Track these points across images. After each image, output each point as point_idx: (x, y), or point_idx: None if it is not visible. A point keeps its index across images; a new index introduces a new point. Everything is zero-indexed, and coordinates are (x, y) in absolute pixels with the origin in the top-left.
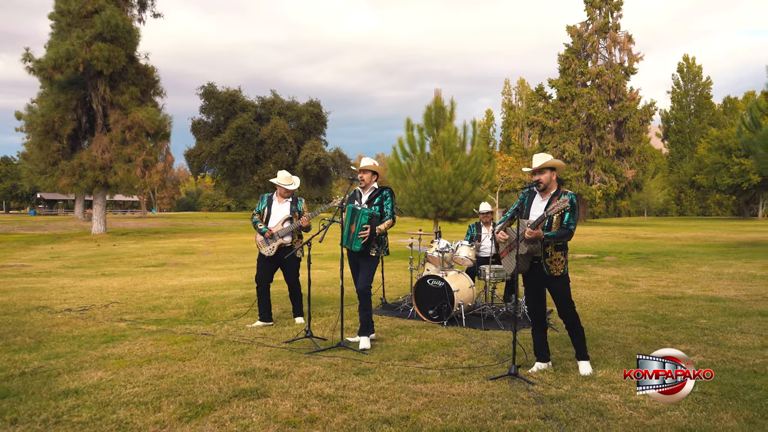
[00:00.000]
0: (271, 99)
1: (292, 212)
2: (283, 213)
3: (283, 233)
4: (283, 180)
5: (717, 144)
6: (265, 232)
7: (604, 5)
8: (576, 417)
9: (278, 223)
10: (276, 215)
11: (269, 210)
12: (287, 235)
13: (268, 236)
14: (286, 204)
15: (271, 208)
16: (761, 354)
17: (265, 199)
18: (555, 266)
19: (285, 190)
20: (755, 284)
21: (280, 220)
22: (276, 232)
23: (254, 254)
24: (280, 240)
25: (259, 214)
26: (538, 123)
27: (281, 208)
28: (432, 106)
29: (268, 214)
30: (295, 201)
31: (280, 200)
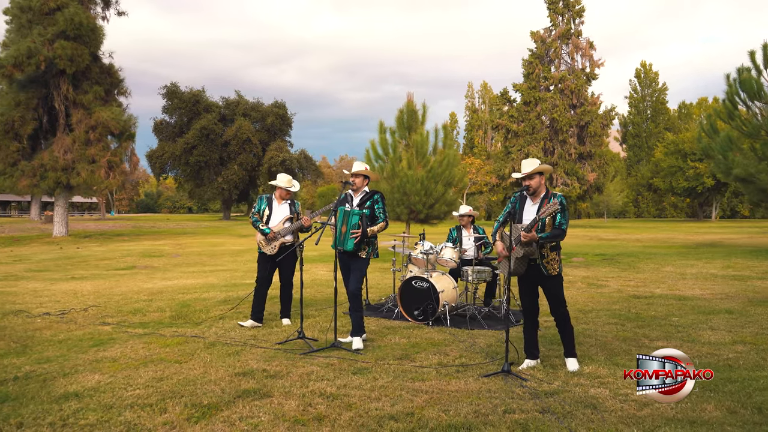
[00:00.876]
0: (235, 100)
1: (292, 213)
2: (283, 213)
3: (285, 232)
4: (285, 182)
5: (673, 148)
6: (268, 233)
7: (567, 12)
8: (572, 410)
9: (279, 222)
10: (277, 216)
11: (270, 211)
12: (289, 234)
13: (270, 237)
14: (285, 205)
15: (272, 208)
16: (733, 349)
17: (265, 200)
18: (552, 266)
19: (285, 192)
20: (718, 283)
21: (281, 220)
22: (278, 232)
23: (225, 257)
24: (281, 239)
25: (259, 214)
26: (503, 126)
27: (281, 209)
28: (404, 109)
29: (269, 215)
30: (293, 203)
31: (280, 202)
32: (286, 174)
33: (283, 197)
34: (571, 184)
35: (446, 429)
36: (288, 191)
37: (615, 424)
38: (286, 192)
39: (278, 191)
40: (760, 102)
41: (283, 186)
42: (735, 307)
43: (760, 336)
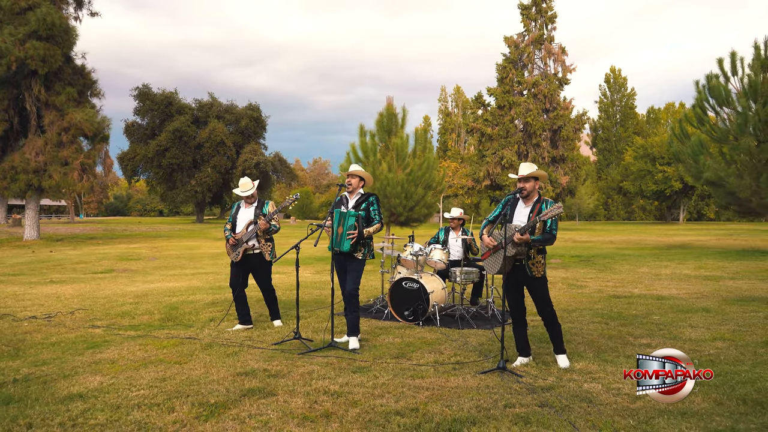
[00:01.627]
0: (208, 102)
1: (256, 216)
2: (247, 218)
3: (247, 237)
4: (239, 188)
5: (642, 152)
6: (230, 239)
7: (540, 17)
8: (569, 404)
9: (243, 228)
10: (241, 220)
11: (236, 216)
12: (251, 239)
13: (232, 243)
14: (251, 208)
15: (238, 214)
16: (713, 345)
17: (235, 207)
18: (536, 268)
19: (249, 200)
20: (692, 283)
21: (244, 225)
22: (240, 238)
23: (205, 260)
24: (245, 245)
25: (230, 223)
26: (477, 130)
27: (246, 213)
28: (384, 113)
29: (235, 221)
30: (260, 205)
31: (246, 205)
32: (248, 178)
33: (248, 201)
34: (544, 187)
35: (451, 423)
36: (252, 198)
37: (611, 416)
38: (250, 200)
39: (246, 201)
40: (728, 108)
41: (238, 192)
42: (711, 305)
43: (737, 333)
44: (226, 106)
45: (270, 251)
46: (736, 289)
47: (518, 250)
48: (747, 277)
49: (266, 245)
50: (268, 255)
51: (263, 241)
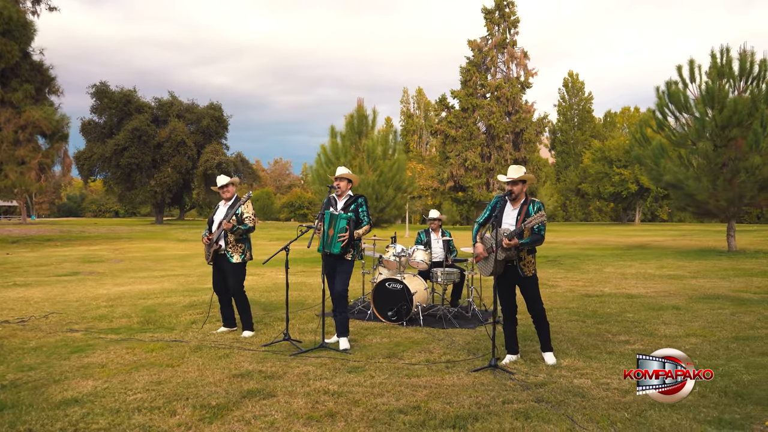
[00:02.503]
0: (168, 100)
1: (228, 216)
2: (220, 217)
3: (215, 237)
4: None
5: (600, 155)
6: (204, 237)
7: (503, 22)
8: (563, 399)
9: (216, 228)
10: (216, 219)
11: (214, 215)
12: (219, 239)
13: (206, 243)
14: (225, 208)
15: (215, 212)
16: (687, 341)
17: (216, 207)
18: (527, 268)
19: (223, 192)
20: (658, 282)
21: (217, 224)
22: (212, 238)
23: (171, 261)
24: (214, 245)
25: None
26: (441, 132)
27: (220, 213)
28: (354, 114)
29: (211, 219)
30: (234, 203)
31: (225, 203)
32: (225, 175)
33: (226, 198)
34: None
35: (455, 420)
36: (224, 190)
37: (606, 409)
38: (223, 192)
39: (222, 195)
40: (687, 113)
41: (214, 188)
42: (680, 303)
43: (707, 329)
44: (187, 105)
45: (241, 252)
46: (699, 287)
47: (508, 254)
48: (708, 276)
49: (236, 247)
50: (237, 256)
51: (233, 242)
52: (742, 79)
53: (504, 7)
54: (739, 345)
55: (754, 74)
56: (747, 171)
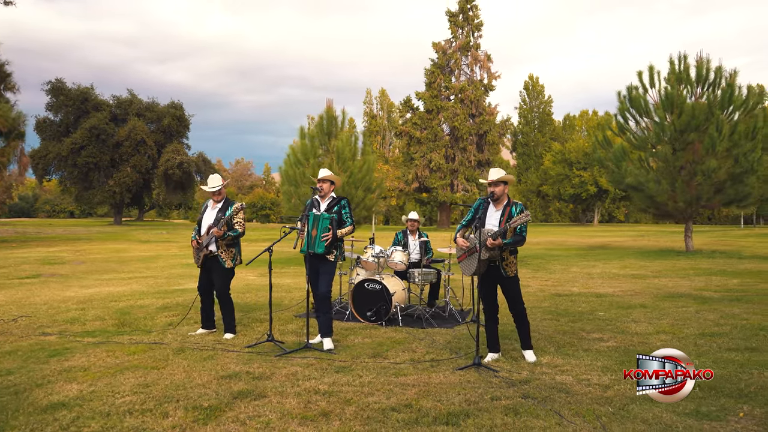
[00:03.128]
0: (128, 99)
1: (217, 219)
2: (209, 221)
3: (206, 242)
4: (208, 185)
5: (560, 157)
6: (193, 241)
7: (467, 25)
8: (548, 395)
9: (205, 232)
10: (205, 223)
11: (202, 217)
12: (210, 243)
13: (195, 246)
14: (215, 211)
15: (204, 215)
16: (658, 338)
17: (204, 206)
18: (509, 268)
19: (212, 194)
20: (623, 282)
21: (206, 228)
22: (201, 242)
23: (136, 263)
24: (204, 250)
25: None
26: (406, 133)
27: (209, 216)
28: (324, 115)
29: (200, 222)
30: (224, 207)
31: (213, 206)
32: (218, 175)
33: (215, 200)
34: (470, 190)
35: (447, 417)
36: (216, 193)
37: (590, 404)
38: (214, 194)
39: (207, 194)
40: (647, 118)
41: (205, 189)
42: (646, 302)
43: (675, 326)
44: (147, 104)
45: (232, 257)
46: (663, 286)
47: (491, 254)
48: (669, 276)
49: (228, 251)
50: (229, 261)
51: (224, 247)
52: (699, 85)
53: (468, 10)
54: (706, 341)
55: (710, 81)
56: (704, 174)
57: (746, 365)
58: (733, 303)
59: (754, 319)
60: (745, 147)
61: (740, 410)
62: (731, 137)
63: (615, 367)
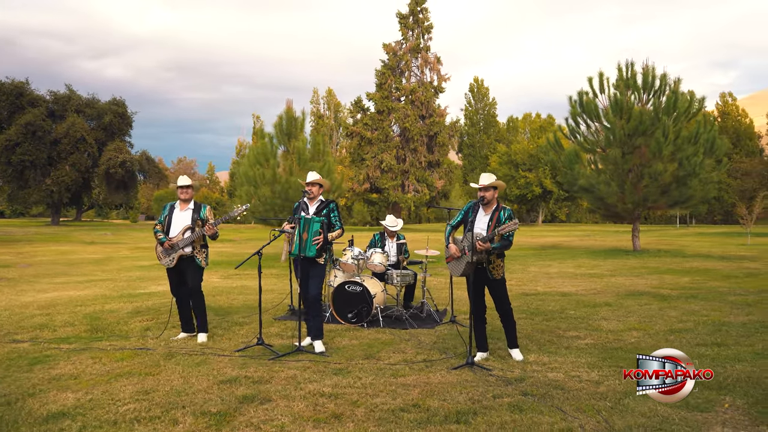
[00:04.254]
0: (66, 94)
1: (194, 221)
2: (184, 222)
3: (184, 244)
4: (180, 182)
5: (506, 159)
6: (164, 242)
7: (417, 27)
8: (546, 392)
9: (179, 233)
10: (177, 224)
11: (170, 219)
12: (188, 245)
13: (167, 247)
14: (188, 212)
15: (172, 216)
16: (630, 335)
17: (167, 208)
18: (497, 271)
19: (184, 194)
20: (581, 281)
21: (180, 230)
22: (176, 243)
23: (88, 266)
24: (180, 251)
25: (161, 224)
26: (357, 134)
27: (182, 217)
28: (283, 116)
29: (169, 223)
30: (197, 208)
31: (182, 207)
32: (186, 176)
33: (184, 202)
34: (421, 191)
35: (456, 415)
36: (187, 193)
37: (587, 399)
38: (185, 194)
39: (179, 195)
40: (597, 122)
41: (180, 184)
42: (610, 300)
43: (644, 323)
44: (86, 100)
45: (205, 257)
46: (620, 285)
47: (479, 257)
48: (624, 274)
49: (201, 251)
50: (203, 261)
51: (198, 247)
52: (646, 91)
53: (418, 12)
54: (676, 337)
55: (656, 87)
56: (651, 176)
57: (718, 359)
58: (690, 300)
59: (713, 315)
60: (688, 151)
61: (724, 402)
62: (675, 142)
63: (599, 363)
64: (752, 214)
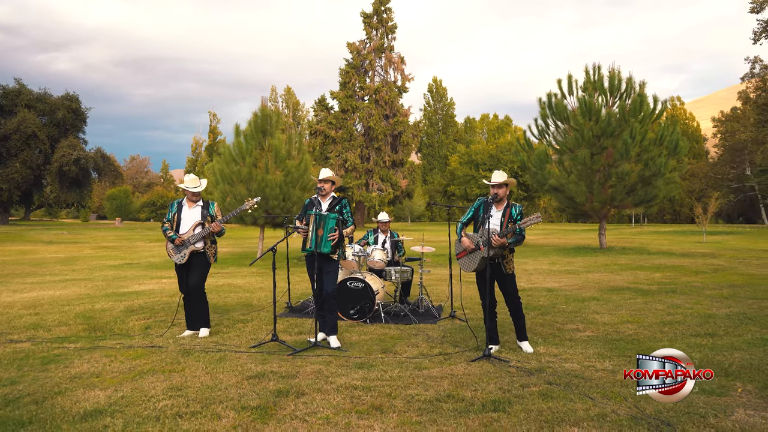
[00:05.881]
0: (15, 89)
1: (204, 217)
2: (194, 218)
3: (195, 239)
4: (189, 183)
5: (467, 159)
6: (175, 239)
7: (381, 27)
8: (568, 381)
9: (189, 229)
10: (187, 221)
11: (179, 216)
12: (199, 241)
13: (178, 243)
14: (197, 209)
15: (181, 214)
16: (627, 327)
17: (175, 206)
18: (509, 265)
19: (192, 194)
20: (560, 277)
21: (191, 225)
22: (187, 239)
23: (55, 266)
24: (192, 246)
25: (170, 222)
26: (321, 132)
27: (192, 214)
28: (258, 113)
29: (179, 221)
30: (206, 205)
31: (190, 205)
32: (193, 174)
33: (192, 200)
34: (385, 190)
35: (493, 404)
36: (194, 193)
37: (610, 387)
38: (193, 194)
39: (187, 194)
40: (565, 123)
41: (188, 188)
42: (596, 295)
43: (635, 316)
44: (37, 95)
45: (214, 254)
46: (599, 281)
47: (495, 252)
48: (598, 271)
49: (211, 247)
50: (212, 257)
51: (209, 243)
52: (612, 94)
53: (382, 12)
54: (670, 329)
55: (622, 90)
56: (618, 177)
57: (716, 349)
58: (671, 295)
59: (697, 308)
60: (653, 152)
61: (737, 386)
62: (641, 143)
63: (608, 354)
64: (707, 214)
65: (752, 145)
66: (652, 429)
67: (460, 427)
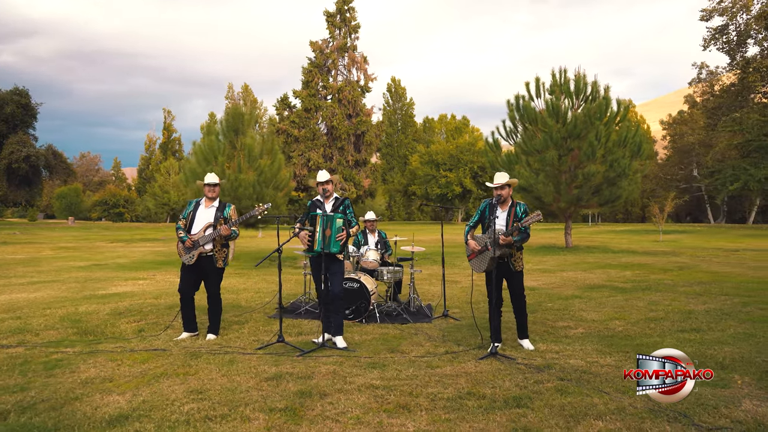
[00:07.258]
0: None
1: (216, 219)
2: (206, 219)
3: (204, 241)
4: (209, 178)
5: (428, 158)
6: (186, 240)
7: (344, 26)
8: (578, 377)
9: (200, 230)
10: (200, 221)
11: (194, 215)
12: (208, 242)
13: (188, 245)
14: (212, 210)
15: (196, 213)
16: (616, 324)
17: (193, 204)
18: (518, 263)
19: (210, 190)
20: (537, 276)
21: (203, 226)
22: (197, 240)
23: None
24: (200, 248)
25: (185, 220)
26: (283, 131)
27: (206, 214)
28: (231, 112)
29: (192, 220)
30: (222, 207)
31: (207, 204)
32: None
33: (210, 199)
34: (348, 189)
35: (515, 400)
36: (214, 191)
37: (618, 382)
38: (211, 190)
39: (206, 192)
40: (533, 125)
41: (207, 182)
42: (576, 293)
43: (620, 313)
44: None
45: (224, 257)
46: (576, 279)
47: (503, 251)
48: (571, 269)
49: (221, 251)
50: (221, 261)
51: (219, 246)
52: (578, 97)
53: (345, 11)
54: (656, 325)
55: (587, 93)
56: (584, 177)
57: (704, 343)
58: (646, 292)
59: (675, 305)
60: (618, 154)
61: (736, 379)
62: (606, 145)
63: (607, 350)
64: (663, 213)
65: (699, 147)
66: (670, 420)
67: (490, 423)
